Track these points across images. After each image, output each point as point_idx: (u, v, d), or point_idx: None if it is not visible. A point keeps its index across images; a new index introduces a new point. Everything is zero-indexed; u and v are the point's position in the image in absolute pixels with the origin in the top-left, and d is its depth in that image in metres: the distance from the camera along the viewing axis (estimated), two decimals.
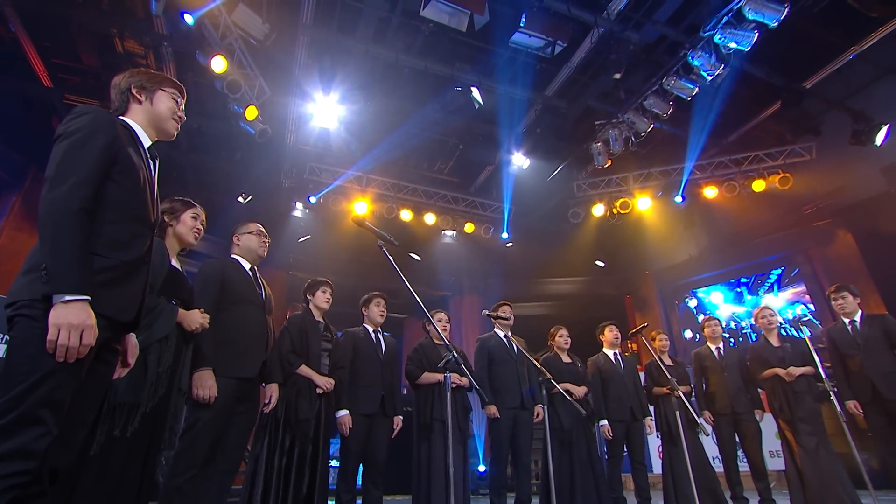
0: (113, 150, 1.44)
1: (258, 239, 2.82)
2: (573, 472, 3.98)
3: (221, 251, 8.84)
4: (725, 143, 9.18)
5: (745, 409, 4.36)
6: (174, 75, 7.49)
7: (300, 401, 2.87)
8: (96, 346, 1.31)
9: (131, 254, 1.46)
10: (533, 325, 11.13)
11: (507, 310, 4.44)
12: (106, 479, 1.78)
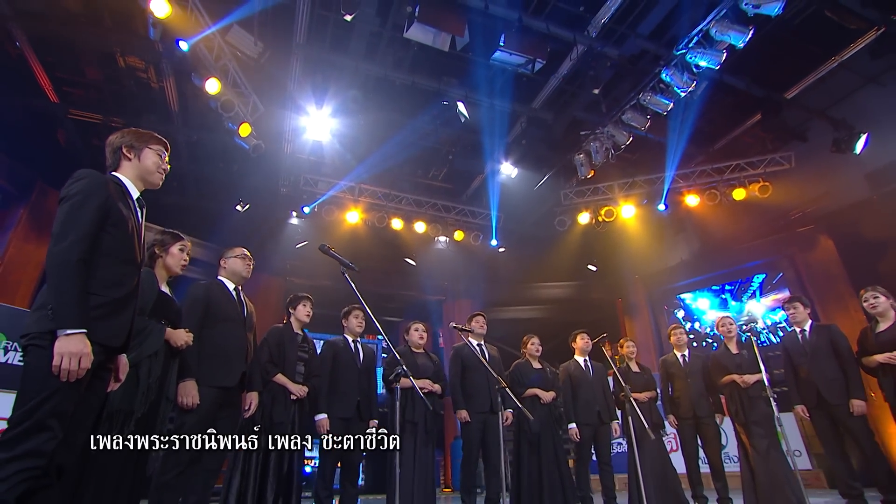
0: (105, 208, 1.80)
1: (243, 262, 3.18)
2: (541, 473, 4.31)
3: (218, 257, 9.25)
4: (712, 151, 9.46)
5: (706, 413, 4.67)
6: (174, 88, 7.90)
7: (275, 406, 3.24)
8: (93, 366, 1.67)
9: (121, 291, 1.82)
10: (525, 328, 11.47)
11: (481, 320, 4.79)
12: (106, 475, 2.15)
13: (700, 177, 8.47)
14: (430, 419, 3.97)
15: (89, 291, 1.71)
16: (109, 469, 2.14)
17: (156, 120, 8.35)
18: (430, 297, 10.61)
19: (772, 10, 5.16)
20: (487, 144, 8.16)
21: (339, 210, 8.52)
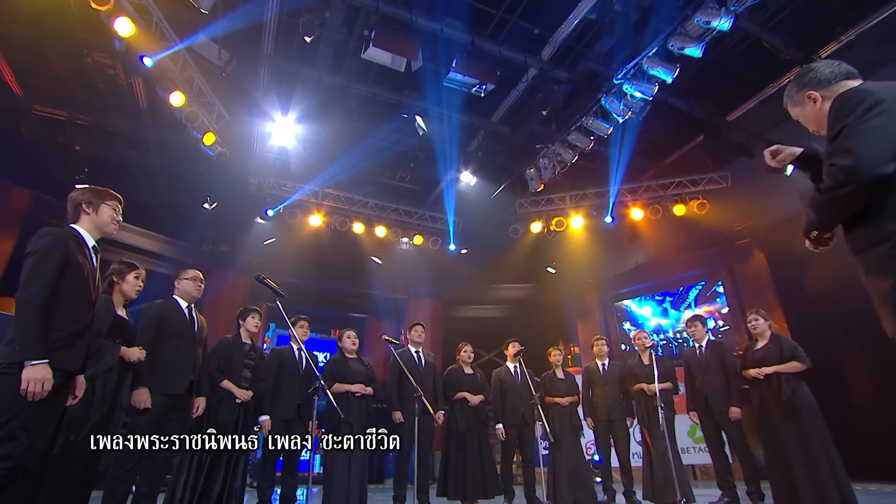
0: (64, 260, 2.25)
1: (194, 284, 3.64)
2: (466, 467, 4.89)
3: (187, 255, 9.59)
4: (663, 165, 10.11)
5: (619, 417, 5.32)
6: (142, 85, 8.09)
7: (221, 409, 3.73)
8: (54, 387, 2.15)
9: (78, 326, 2.29)
10: (484, 326, 12.15)
11: (419, 329, 5.32)
12: (66, 470, 2.63)
13: (646, 191, 9.12)
14: (365, 420, 4.50)
15: (51, 328, 2.18)
16: (67, 465, 2.61)
17: (124, 119, 8.58)
18: (393, 296, 11.13)
19: (694, 52, 5.73)
20: (447, 154, 8.65)
21: (302, 213, 8.93)
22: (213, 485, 3.59)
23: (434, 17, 6.57)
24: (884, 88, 1.54)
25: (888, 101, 1.47)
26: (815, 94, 1.74)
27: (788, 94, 1.85)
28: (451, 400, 5.12)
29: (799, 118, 1.81)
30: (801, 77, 1.81)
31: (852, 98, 1.53)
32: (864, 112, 1.46)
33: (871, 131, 1.42)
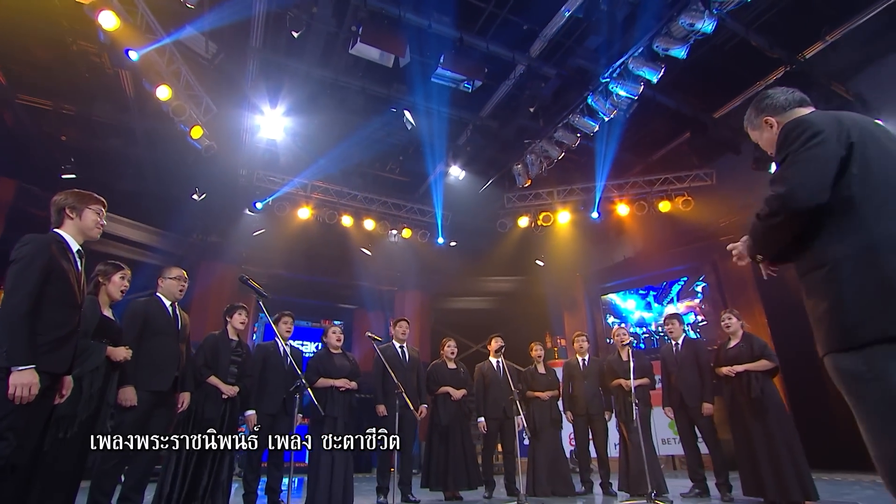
0: (48, 267, 2.33)
1: (177, 283, 3.72)
2: (447, 458, 5.05)
3: (176, 246, 9.62)
4: (651, 161, 10.22)
5: (598, 411, 5.49)
6: (129, 77, 8.06)
7: (207, 404, 3.84)
8: (42, 389, 2.24)
9: (64, 330, 2.38)
10: (472, 318, 12.33)
11: (404, 325, 5.44)
12: (56, 465, 2.73)
13: (633, 187, 9.24)
14: (348, 414, 4.63)
15: (38, 332, 2.26)
16: (56, 460, 2.72)
17: (110, 108, 8.52)
18: (381, 288, 11.24)
19: (678, 53, 5.81)
20: (436, 148, 8.70)
21: (291, 206, 8.98)
22: (200, 478, 3.72)
23: (422, 12, 6.59)
24: (826, 119, 1.63)
25: (827, 131, 1.56)
26: (771, 119, 1.82)
27: (748, 119, 1.93)
28: (435, 394, 5.26)
29: (758, 141, 1.91)
30: (759, 103, 1.89)
31: (796, 128, 1.62)
32: (805, 142, 1.54)
33: (808, 162, 1.50)
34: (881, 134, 1.62)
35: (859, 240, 1.43)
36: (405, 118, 7.60)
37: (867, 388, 1.34)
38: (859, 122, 1.62)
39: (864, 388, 1.35)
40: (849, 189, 1.48)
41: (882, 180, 1.49)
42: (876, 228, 1.42)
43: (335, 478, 4.39)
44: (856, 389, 1.37)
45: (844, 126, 1.57)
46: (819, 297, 1.49)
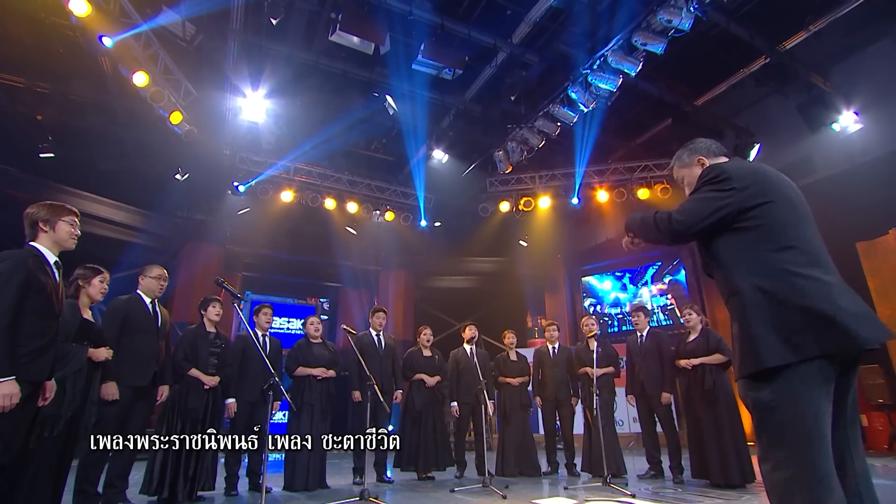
0: (27, 282, 2.47)
1: (157, 282, 3.87)
2: (419, 441, 5.35)
3: (160, 226, 9.66)
4: (633, 145, 10.34)
5: (565, 397, 5.79)
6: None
7: (190, 395, 4.05)
8: (26, 395, 2.42)
9: (43, 340, 2.54)
10: (456, 296, 12.60)
11: (381, 315, 5.65)
12: (43, 462, 2.94)
13: (614, 173, 9.38)
14: (325, 400, 4.88)
15: (18, 344, 2.43)
16: (43, 457, 2.93)
17: (88, 87, 8.40)
18: (366, 267, 11.43)
19: (657, 48, 5.87)
20: (418, 132, 8.75)
21: (274, 189, 9.04)
22: (187, 462, 3.97)
23: None
24: (742, 169, 1.83)
25: (737, 180, 1.75)
26: (703, 159, 2.04)
27: (679, 157, 2.13)
28: (410, 380, 5.53)
29: (683, 178, 2.10)
30: (693, 146, 2.11)
31: (713, 170, 1.83)
32: (712, 184, 1.76)
33: (702, 201, 1.74)
34: (787, 186, 1.82)
35: (763, 273, 1.63)
36: (387, 103, 7.60)
37: (766, 414, 1.54)
38: (769, 173, 1.83)
39: (764, 414, 1.54)
40: (756, 227, 1.69)
41: (783, 221, 1.70)
42: (776, 263, 1.62)
43: (312, 460, 4.68)
44: (758, 413, 1.56)
45: (758, 175, 1.78)
46: (735, 324, 1.69)
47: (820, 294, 1.55)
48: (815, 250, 1.69)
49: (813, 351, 1.47)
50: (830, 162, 8.88)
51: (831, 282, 1.61)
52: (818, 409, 1.49)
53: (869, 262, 7.46)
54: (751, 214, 1.69)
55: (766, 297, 1.58)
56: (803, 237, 1.70)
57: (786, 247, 1.65)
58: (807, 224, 1.76)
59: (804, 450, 1.46)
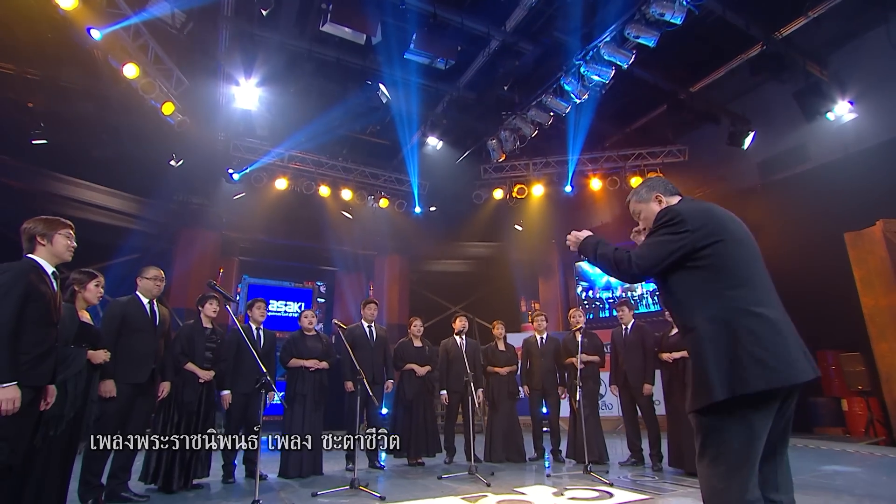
0: (26, 292, 2.60)
1: (153, 283, 4.02)
2: (410, 428, 5.59)
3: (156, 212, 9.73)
4: (628, 131, 10.34)
5: (551, 386, 6.01)
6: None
7: (186, 388, 4.25)
8: (29, 399, 2.59)
9: (44, 347, 2.69)
10: (451, 280, 12.78)
11: (372, 307, 5.82)
12: (49, 459, 3.13)
13: (607, 161, 9.43)
14: (318, 391, 5.08)
15: (20, 352, 2.58)
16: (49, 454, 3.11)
17: (78, 73, 8.35)
18: (362, 252, 11.57)
19: (649, 41, 5.88)
20: (412, 119, 8.77)
21: (268, 177, 9.10)
22: (181, 454, 4.19)
23: None
24: (695, 211, 1.94)
25: (691, 223, 1.87)
26: (661, 196, 2.15)
27: (637, 193, 2.24)
28: (401, 370, 5.74)
29: (640, 213, 2.22)
30: (651, 183, 2.24)
31: (669, 213, 1.95)
32: (668, 226, 1.89)
33: (658, 245, 1.87)
34: (736, 225, 1.95)
35: (714, 310, 1.77)
36: (380, 91, 7.61)
37: (712, 434, 1.70)
38: (720, 213, 1.96)
39: (710, 434, 1.71)
40: (708, 266, 1.82)
41: (734, 259, 1.83)
42: (728, 301, 1.76)
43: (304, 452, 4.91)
44: (704, 432, 1.73)
45: (709, 216, 1.91)
46: (691, 358, 1.85)
47: (766, 333, 1.70)
48: (763, 287, 1.83)
49: (759, 386, 1.63)
50: (825, 150, 8.93)
51: (778, 319, 1.76)
52: (756, 436, 1.66)
53: (855, 252, 7.58)
54: (703, 254, 1.82)
55: (718, 335, 1.72)
56: (752, 275, 1.84)
57: (736, 284, 1.78)
58: (755, 261, 1.90)
59: (739, 469, 1.65)
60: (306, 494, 4.10)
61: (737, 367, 1.66)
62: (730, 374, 1.66)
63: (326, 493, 4.06)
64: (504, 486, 4.38)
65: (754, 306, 1.75)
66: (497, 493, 4.11)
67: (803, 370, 1.70)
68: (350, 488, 4.12)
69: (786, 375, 1.65)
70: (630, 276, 1.94)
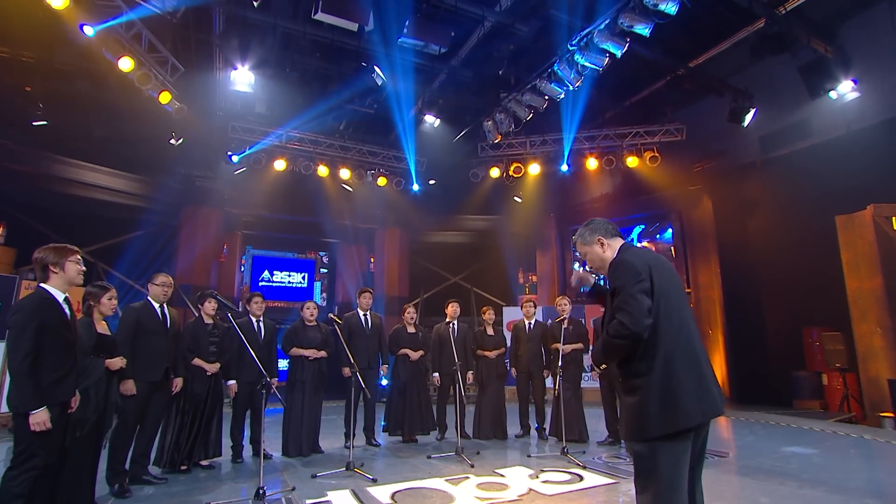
0: (41, 325, 2.96)
1: (161, 289, 4.41)
2: (405, 409, 6.11)
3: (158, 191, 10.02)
4: (628, 105, 10.30)
5: (537, 368, 6.47)
6: None
7: (195, 381, 4.73)
8: (57, 412, 3.03)
9: (63, 369, 3.09)
10: (451, 251, 13.15)
11: (367, 296, 6.21)
12: (78, 455, 3.61)
13: (605, 139, 9.51)
14: (317, 378, 5.56)
15: (43, 378, 2.96)
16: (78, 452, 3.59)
17: (72, 54, 8.44)
18: (363, 226, 11.89)
19: (643, 30, 5.91)
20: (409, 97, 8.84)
21: (267, 158, 9.31)
22: (191, 435, 4.72)
23: None
24: (640, 261, 2.21)
25: (644, 273, 2.15)
26: (603, 240, 2.41)
27: (581, 236, 2.49)
28: (396, 355, 6.20)
29: (586, 254, 2.48)
30: (593, 226, 2.45)
31: (624, 267, 2.20)
32: (633, 280, 2.12)
33: (637, 298, 2.08)
34: (668, 268, 2.26)
35: (657, 357, 2.06)
36: (375, 73, 7.69)
37: (643, 462, 2.07)
38: (654, 262, 2.23)
39: (642, 466, 2.09)
40: (654, 315, 2.09)
41: (670, 310, 2.13)
42: (667, 349, 2.07)
43: (305, 424, 5.45)
44: (638, 465, 2.11)
45: (647, 263, 2.18)
46: (629, 397, 2.14)
47: (692, 378, 2.05)
48: (690, 331, 2.14)
49: (686, 424, 2.00)
50: (828, 126, 8.96)
51: (700, 360, 2.11)
52: (680, 463, 2.04)
53: (845, 236, 7.80)
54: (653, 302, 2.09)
55: (655, 380, 2.03)
56: (683, 319, 2.15)
57: (673, 331, 2.08)
58: (684, 303, 2.21)
59: (667, 491, 2.02)
60: (307, 475, 4.62)
61: (666, 409, 1.99)
62: (661, 415, 2.00)
63: (325, 475, 4.58)
64: (486, 468, 4.88)
65: (684, 351, 2.07)
66: (479, 475, 4.61)
67: (715, 412, 2.08)
68: (346, 470, 4.64)
69: (700, 417, 2.03)
70: (633, 338, 2.02)
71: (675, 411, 2.00)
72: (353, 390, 5.08)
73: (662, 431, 1.99)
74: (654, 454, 2.03)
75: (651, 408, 2.02)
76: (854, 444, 5.85)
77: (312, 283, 13.08)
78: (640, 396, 2.06)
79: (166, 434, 4.60)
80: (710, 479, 4.34)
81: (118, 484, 4.05)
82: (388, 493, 4.12)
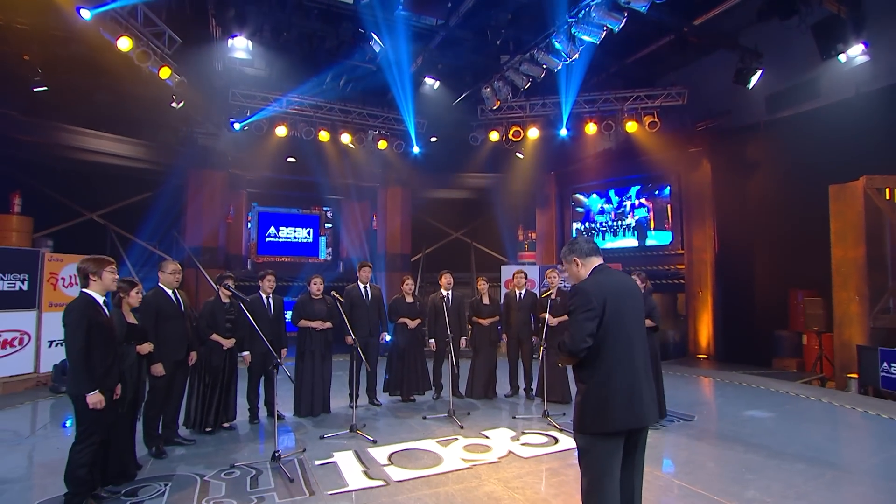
0: (89, 324, 3.58)
1: (172, 277, 4.98)
2: (403, 372, 6.86)
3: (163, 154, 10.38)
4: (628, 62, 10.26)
5: (526, 336, 7.12)
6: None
7: (213, 355, 5.43)
8: (107, 396, 3.72)
9: (108, 361, 3.75)
10: (452, 207, 13.59)
11: (367, 270, 6.78)
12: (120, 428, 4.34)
13: (605, 102, 9.61)
14: (325, 347, 6.25)
15: (94, 367, 3.63)
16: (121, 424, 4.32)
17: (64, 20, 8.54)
18: (365, 184, 12.28)
19: (640, 6, 6.01)
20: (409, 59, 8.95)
21: (269, 124, 9.58)
22: (212, 399, 5.49)
23: None
24: (596, 290, 2.70)
25: (595, 301, 2.63)
26: (577, 260, 2.88)
27: (564, 255, 2.97)
28: (395, 323, 6.88)
29: (566, 270, 2.96)
30: (571, 246, 2.89)
31: (579, 295, 2.68)
32: (582, 308, 2.60)
33: (582, 324, 2.57)
34: (627, 297, 2.73)
35: (600, 370, 2.60)
36: (373, 41, 7.82)
37: (582, 453, 2.66)
38: (613, 290, 2.68)
39: (582, 455, 2.67)
40: (601, 336, 2.60)
41: (619, 333, 2.62)
42: (609, 364, 2.60)
43: (315, 388, 6.21)
44: (580, 454, 2.69)
45: (603, 293, 2.64)
46: (577, 395, 2.73)
47: (624, 393, 2.55)
48: (634, 353, 2.62)
49: (613, 428, 2.56)
50: (837, 87, 9.01)
51: (639, 379, 2.61)
52: (611, 457, 2.60)
53: (836, 206, 8.12)
54: (602, 323, 2.56)
55: (595, 388, 2.58)
56: (632, 341, 2.62)
57: (619, 351, 2.57)
58: (636, 327, 2.69)
59: (599, 479, 2.59)
60: (315, 436, 5.40)
61: (602, 412, 2.55)
62: (597, 416, 2.57)
63: (331, 436, 5.36)
64: (475, 429, 5.62)
65: (623, 364, 2.57)
66: (467, 437, 5.35)
67: (647, 420, 2.65)
68: (350, 431, 5.41)
69: (632, 423, 2.58)
70: (572, 354, 2.57)
71: (604, 416, 2.55)
72: (354, 361, 5.77)
73: (593, 430, 2.57)
74: (591, 447, 2.60)
75: (587, 409, 2.59)
76: (810, 407, 6.54)
77: (318, 238, 13.67)
78: (581, 398, 2.64)
79: (191, 400, 5.37)
80: (670, 443, 5.08)
81: (155, 447, 4.84)
82: (386, 454, 4.86)
